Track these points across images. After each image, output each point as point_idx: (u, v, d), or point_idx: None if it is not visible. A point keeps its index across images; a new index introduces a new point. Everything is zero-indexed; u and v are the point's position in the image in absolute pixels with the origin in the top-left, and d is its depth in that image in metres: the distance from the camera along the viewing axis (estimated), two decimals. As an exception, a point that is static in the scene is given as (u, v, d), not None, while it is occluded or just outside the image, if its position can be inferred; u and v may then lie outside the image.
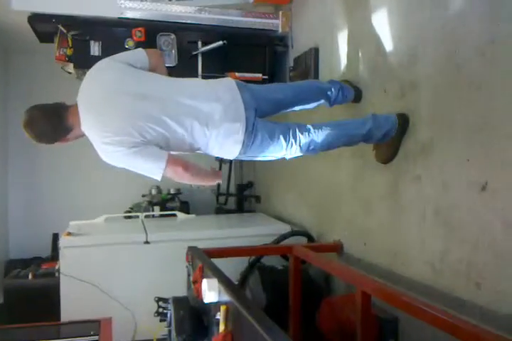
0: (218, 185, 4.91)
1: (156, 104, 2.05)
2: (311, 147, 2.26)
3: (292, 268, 2.78)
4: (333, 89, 2.55)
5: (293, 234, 3.16)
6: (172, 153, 2.11)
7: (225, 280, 1.95)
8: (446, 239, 2.01)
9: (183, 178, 2.11)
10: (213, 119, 2.08)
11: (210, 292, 1.91)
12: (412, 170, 2.23)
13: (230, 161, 4.86)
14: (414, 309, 1.76)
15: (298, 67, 3.42)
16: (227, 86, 2.20)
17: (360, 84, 2.68)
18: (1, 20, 3.99)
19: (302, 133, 2.22)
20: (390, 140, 2.33)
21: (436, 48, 2.07)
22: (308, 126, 2.26)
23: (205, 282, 1.95)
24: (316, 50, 3.21)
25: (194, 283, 2.30)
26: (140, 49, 2.29)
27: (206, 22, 3.59)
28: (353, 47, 2.79)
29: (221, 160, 4.86)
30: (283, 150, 2.22)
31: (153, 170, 2.03)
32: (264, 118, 2.29)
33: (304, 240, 3.21)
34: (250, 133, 2.13)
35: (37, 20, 3.41)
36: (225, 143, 2.13)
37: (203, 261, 2.29)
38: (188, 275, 2.51)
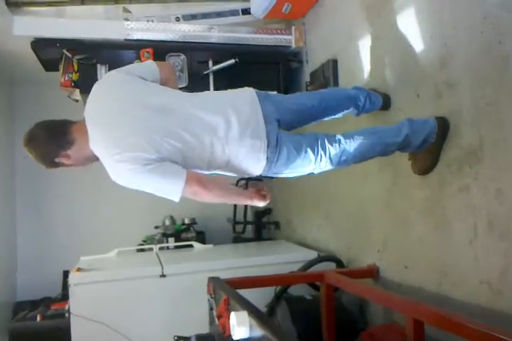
0: (234, 214, 4.70)
1: (174, 118, 1.87)
2: (343, 158, 2.04)
3: (324, 297, 2.51)
4: (360, 96, 2.36)
5: (321, 260, 2.88)
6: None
7: (256, 313, 1.70)
8: (505, 254, 1.75)
9: (204, 198, 1.87)
10: (232, 135, 1.89)
11: (240, 327, 1.66)
12: (457, 180, 1.99)
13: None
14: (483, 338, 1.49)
15: (315, 81, 3.23)
16: (245, 97, 2.01)
17: (388, 90, 2.47)
18: (4, 49, 3.85)
19: (332, 144, 2.01)
20: (429, 147, 2.10)
21: (474, 42, 1.87)
22: (339, 136, 2.04)
23: (233, 316, 1.71)
24: (335, 62, 3.03)
25: (219, 318, 2.05)
26: (151, 61, 2.15)
27: (216, 40, 3.46)
28: (377, 53, 2.59)
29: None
30: (311, 163, 2.01)
31: (171, 190, 1.81)
32: (289, 131, 2.11)
33: (332, 267, 2.93)
34: (274, 147, 1.92)
35: (40, 45, 3.30)
36: (247, 161, 1.92)
37: (227, 292, 2.05)
38: (211, 309, 2.26)
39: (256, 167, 1.95)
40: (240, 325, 1.66)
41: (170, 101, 1.93)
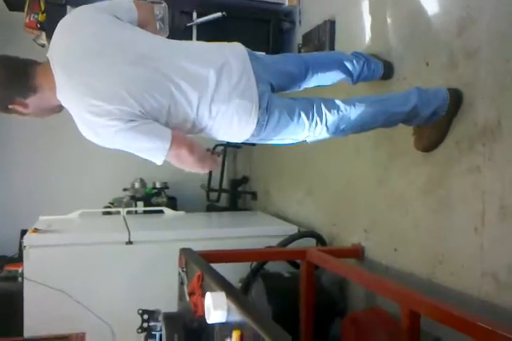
0: (209, 180, 4.46)
1: (159, 68, 1.61)
2: (341, 127, 1.82)
3: (304, 275, 2.35)
4: (355, 61, 2.12)
5: (302, 235, 2.70)
6: None
7: (235, 295, 1.50)
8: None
9: (185, 163, 1.69)
10: (221, 93, 1.65)
11: (217, 310, 1.47)
12: (467, 159, 1.79)
13: (224, 154, 4.39)
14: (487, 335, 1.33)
15: (309, 44, 2.96)
16: (238, 53, 1.75)
17: (391, 57, 2.24)
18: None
19: (330, 111, 1.79)
20: (437, 121, 1.89)
21: (502, 4, 1.64)
22: (338, 102, 1.81)
23: (209, 297, 1.51)
24: (332, 23, 2.75)
25: (190, 295, 1.85)
26: (128, 0, 1.78)
27: (202, -11, 3.13)
28: (383, 14, 2.33)
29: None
30: (305, 130, 1.79)
31: (155, 151, 1.59)
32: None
33: (312, 244, 2.75)
34: (265, 110, 1.70)
35: (4, -22, 2.91)
36: (234, 122, 1.69)
37: (202, 267, 1.84)
38: (181, 283, 2.05)
39: (243, 131, 1.72)
40: (216, 307, 1.47)
41: (155, 48, 1.67)
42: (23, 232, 4.02)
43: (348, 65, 2.10)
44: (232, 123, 1.70)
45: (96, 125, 1.55)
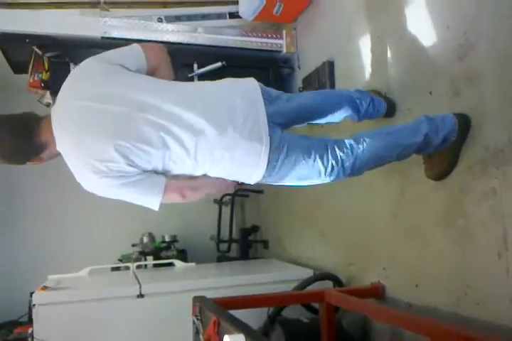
0: (219, 231, 4.41)
1: (152, 119, 1.60)
2: (357, 166, 1.77)
3: (325, 318, 2.24)
4: (362, 100, 2.11)
5: (318, 278, 2.60)
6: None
7: (255, 336, 1.42)
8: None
9: (184, 202, 1.72)
10: (225, 136, 1.62)
11: (237, 353, 1.38)
12: (481, 183, 1.75)
13: (232, 203, 4.36)
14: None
15: (309, 86, 3.01)
16: (247, 90, 1.73)
17: (392, 90, 2.26)
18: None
19: (343, 152, 1.74)
20: (447, 148, 1.86)
21: (502, 28, 1.66)
22: (348, 141, 1.77)
23: (227, 340, 1.42)
24: (331, 64, 2.81)
25: (207, 343, 1.76)
26: (136, 45, 1.80)
27: (202, 42, 3.21)
28: (381, 50, 2.38)
29: (221, 202, 4.39)
30: (321, 175, 1.75)
31: (149, 203, 1.67)
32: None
33: (329, 286, 2.65)
34: (276, 149, 1.65)
35: (7, 40, 2.99)
36: (242, 166, 1.67)
37: (217, 313, 1.76)
38: (196, 332, 1.95)
39: (253, 174, 1.69)
40: (236, 351, 1.39)
41: (148, 97, 1.64)
42: (32, 294, 3.95)
43: (358, 101, 2.09)
44: (239, 167, 1.67)
45: (91, 181, 1.62)
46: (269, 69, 3.39)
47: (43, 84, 3.05)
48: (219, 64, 3.18)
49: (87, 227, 4.58)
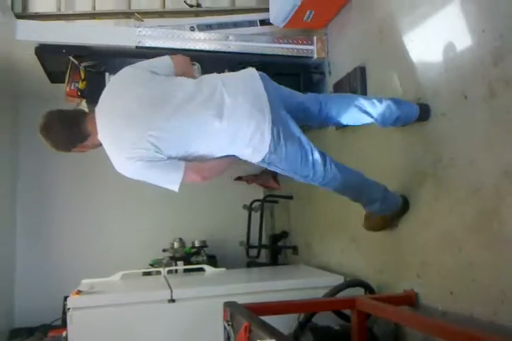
0: (248, 237, 4.42)
1: (174, 111, 1.99)
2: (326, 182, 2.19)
3: (356, 325, 2.21)
4: (375, 100, 2.21)
5: (349, 284, 2.58)
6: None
7: (287, 342, 1.41)
8: None
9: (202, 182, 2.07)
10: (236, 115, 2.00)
11: (269, 359, 1.38)
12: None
13: (261, 209, 4.37)
14: None
15: (341, 92, 3.00)
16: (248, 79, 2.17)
17: (426, 96, 2.24)
18: (9, 61, 3.63)
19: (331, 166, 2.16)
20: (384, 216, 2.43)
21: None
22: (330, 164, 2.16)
23: (259, 345, 1.42)
24: (363, 69, 2.80)
25: (238, 348, 1.76)
26: (166, 56, 2.21)
27: (233, 49, 3.26)
28: (413, 54, 2.36)
29: (250, 207, 4.40)
30: (310, 174, 2.14)
31: (170, 181, 2.00)
32: None
33: (360, 294, 2.62)
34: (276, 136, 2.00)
35: (45, 51, 3.10)
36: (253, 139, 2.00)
37: (248, 318, 1.76)
38: (228, 338, 1.96)
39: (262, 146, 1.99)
40: (268, 356, 1.39)
41: (174, 94, 2.01)
42: (66, 299, 4.02)
43: (365, 102, 2.20)
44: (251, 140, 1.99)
45: (124, 164, 1.99)
46: (300, 75, 3.41)
47: (79, 93, 3.14)
48: (250, 71, 3.19)
49: (120, 233, 4.65)
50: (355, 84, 2.82)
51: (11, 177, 4.66)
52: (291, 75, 3.40)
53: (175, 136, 1.97)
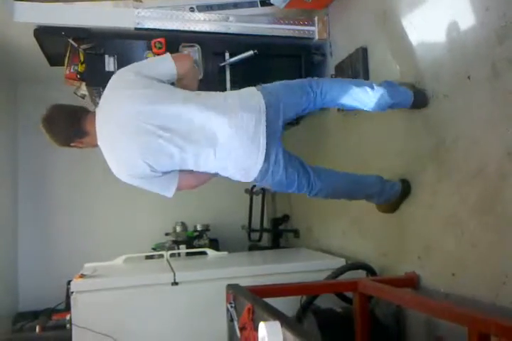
0: (249, 221, 4.43)
1: (172, 138, 1.98)
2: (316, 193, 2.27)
3: (358, 308, 2.22)
4: (370, 91, 2.17)
5: (351, 267, 2.58)
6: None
7: (290, 323, 1.42)
8: None
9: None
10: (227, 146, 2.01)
11: (272, 340, 1.38)
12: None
13: (263, 193, 4.37)
14: None
15: (342, 73, 2.97)
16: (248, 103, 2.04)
17: (429, 77, 2.22)
18: (7, 43, 3.59)
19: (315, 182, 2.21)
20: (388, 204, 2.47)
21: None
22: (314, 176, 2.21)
23: (262, 326, 1.43)
24: (365, 50, 2.76)
25: (241, 330, 1.77)
26: (167, 56, 2.13)
27: (233, 31, 3.20)
28: (416, 34, 2.33)
29: (252, 192, 4.40)
30: (294, 188, 2.21)
31: (164, 192, 2.12)
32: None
33: (362, 276, 2.62)
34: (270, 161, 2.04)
35: (44, 33, 3.02)
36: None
37: (252, 300, 1.76)
38: (231, 320, 1.96)
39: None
40: (271, 337, 1.39)
41: (171, 119, 1.99)
42: (70, 283, 4.03)
43: (359, 91, 2.18)
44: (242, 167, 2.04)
45: (121, 173, 2.06)
46: (301, 56, 3.36)
47: (78, 76, 3.09)
48: (251, 52, 3.15)
49: (122, 218, 4.66)
50: (357, 65, 2.79)
51: (11, 166, 4.65)
52: (291, 57, 3.37)
53: (168, 157, 2.01)
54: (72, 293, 2.61)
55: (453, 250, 2.07)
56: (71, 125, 2.07)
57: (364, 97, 2.18)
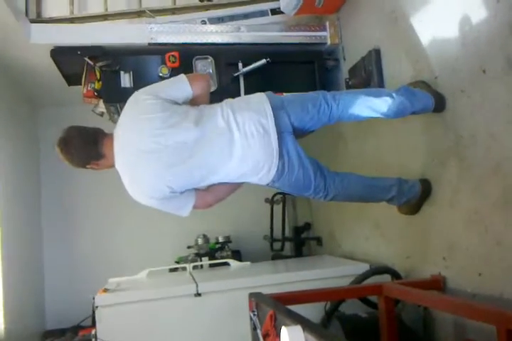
0: (271, 231, 4.41)
1: (192, 163, 2.01)
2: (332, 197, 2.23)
3: (384, 312, 2.17)
4: (394, 94, 2.16)
5: (375, 272, 2.54)
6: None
7: (312, 327, 1.39)
8: None
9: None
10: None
11: (295, 344, 1.36)
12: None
13: (283, 202, 4.35)
14: None
15: (356, 76, 2.96)
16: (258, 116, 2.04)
17: (444, 74, 2.19)
18: (26, 66, 3.68)
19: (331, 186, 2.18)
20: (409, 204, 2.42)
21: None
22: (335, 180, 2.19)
23: (284, 331, 1.41)
24: (377, 51, 2.75)
25: (265, 337, 1.74)
26: (182, 77, 2.12)
27: (245, 41, 3.24)
28: (428, 32, 2.30)
29: (272, 201, 4.38)
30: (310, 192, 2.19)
31: (181, 213, 2.13)
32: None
33: (386, 280, 2.57)
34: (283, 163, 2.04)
35: (60, 53, 3.12)
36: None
37: (273, 307, 1.74)
38: (254, 328, 1.94)
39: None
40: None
41: (187, 139, 2.00)
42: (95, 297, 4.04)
43: (377, 102, 2.15)
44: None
45: (139, 196, 2.06)
46: (314, 62, 3.37)
47: (96, 93, 3.16)
48: (263, 61, 3.18)
49: (144, 233, 4.68)
50: (371, 67, 2.78)
51: (35, 182, 4.73)
52: (305, 63, 3.38)
53: (190, 178, 2.04)
54: (97, 307, 2.62)
55: (478, 248, 2.02)
56: (87, 147, 2.07)
57: (384, 108, 2.14)
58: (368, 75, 2.79)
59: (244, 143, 2.00)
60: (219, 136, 2.01)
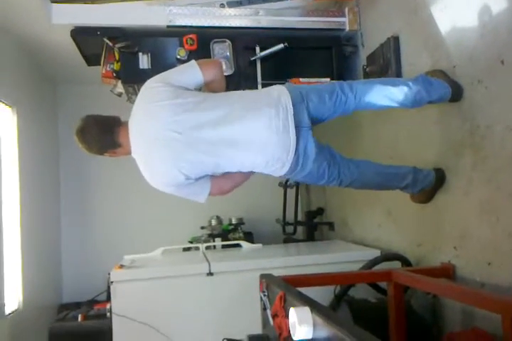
0: (284, 214, 4.45)
1: (207, 149, 2.02)
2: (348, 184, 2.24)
3: (393, 298, 2.20)
4: (411, 83, 2.15)
5: (385, 258, 2.57)
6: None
7: (320, 309, 1.43)
8: None
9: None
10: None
11: (302, 325, 1.40)
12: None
13: (297, 186, 4.38)
14: None
15: (374, 63, 2.95)
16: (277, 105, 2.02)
17: (461, 63, 2.18)
18: (46, 45, 3.73)
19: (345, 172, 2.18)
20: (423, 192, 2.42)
21: None
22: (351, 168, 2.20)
23: (293, 312, 1.45)
24: (396, 39, 2.73)
25: (274, 318, 1.79)
26: (193, 63, 2.12)
27: (263, 25, 3.23)
28: (447, 21, 2.29)
29: (286, 185, 4.41)
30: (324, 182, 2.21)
31: (197, 198, 2.16)
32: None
33: (396, 267, 2.61)
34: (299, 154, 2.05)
35: (80, 33, 3.14)
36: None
37: (283, 288, 1.78)
38: (264, 309, 1.99)
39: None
40: (301, 323, 1.40)
41: (203, 124, 2.00)
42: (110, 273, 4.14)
43: (395, 91, 2.15)
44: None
45: (156, 182, 2.10)
46: (332, 48, 3.35)
47: (114, 74, 3.19)
48: (281, 46, 3.18)
49: (159, 212, 4.77)
50: (389, 54, 2.77)
51: (54, 163, 4.83)
52: (322, 49, 3.36)
53: (203, 165, 2.05)
54: (112, 282, 2.70)
55: (489, 238, 2.04)
56: (104, 136, 2.09)
57: (401, 97, 2.15)
58: (386, 62, 2.78)
59: (266, 132, 2.00)
60: (237, 123, 2.00)
